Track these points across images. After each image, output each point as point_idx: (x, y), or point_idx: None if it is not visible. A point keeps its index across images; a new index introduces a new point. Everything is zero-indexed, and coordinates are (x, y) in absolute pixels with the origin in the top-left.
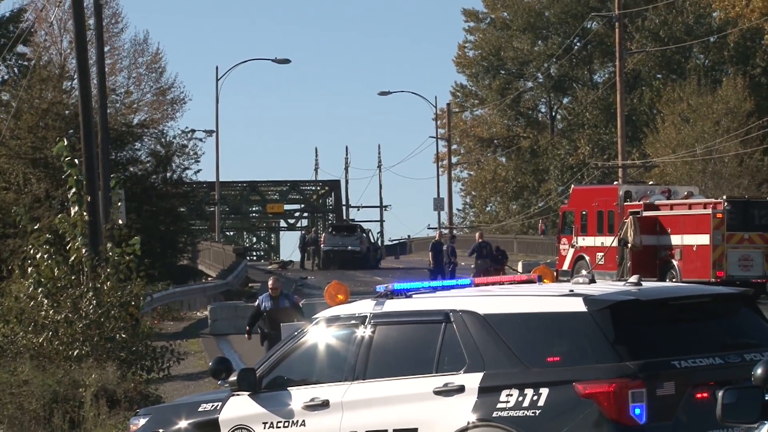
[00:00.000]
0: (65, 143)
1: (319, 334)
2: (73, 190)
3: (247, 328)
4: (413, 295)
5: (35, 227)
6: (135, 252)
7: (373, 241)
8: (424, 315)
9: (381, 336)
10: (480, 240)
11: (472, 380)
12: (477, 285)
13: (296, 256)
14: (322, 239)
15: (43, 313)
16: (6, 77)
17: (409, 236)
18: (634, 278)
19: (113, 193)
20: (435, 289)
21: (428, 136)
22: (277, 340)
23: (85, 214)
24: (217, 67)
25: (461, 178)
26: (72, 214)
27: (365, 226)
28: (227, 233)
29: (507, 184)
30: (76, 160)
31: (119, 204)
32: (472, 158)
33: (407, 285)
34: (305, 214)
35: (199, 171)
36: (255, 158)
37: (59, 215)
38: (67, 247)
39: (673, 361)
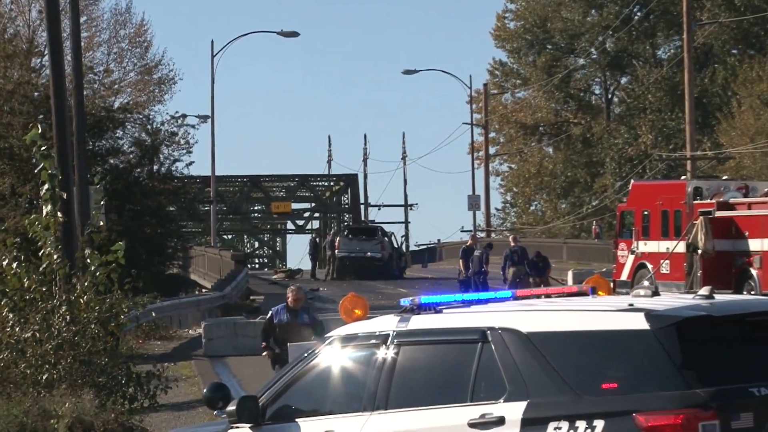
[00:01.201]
0: (39, 130)
1: (333, 356)
2: (47, 186)
3: (263, 344)
4: (444, 310)
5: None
6: (117, 260)
7: (396, 246)
8: (457, 333)
9: (406, 358)
10: (514, 244)
11: (513, 411)
12: (519, 298)
13: (306, 264)
14: (336, 244)
15: (9, 330)
16: None
17: (438, 241)
18: (705, 290)
19: (93, 190)
20: (469, 303)
21: (461, 123)
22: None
23: (59, 214)
24: (212, 42)
25: (500, 171)
26: (44, 214)
27: (387, 228)
28: (224, 237)
29: (555, 179)
30: (51, 152)
31: (100, 203)
32: (514, 148)
33: (437, 298)
34: (316, 215)
35: (191, 163)
36: (257, 149)
37: (30, 215)
38: (39, 254)
39: (752, 388)
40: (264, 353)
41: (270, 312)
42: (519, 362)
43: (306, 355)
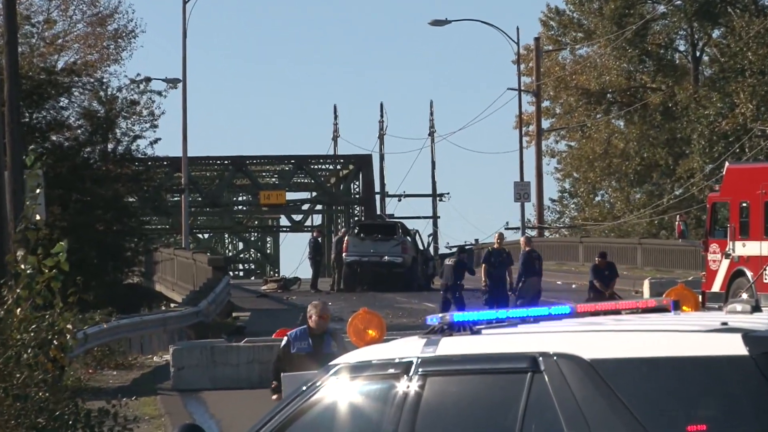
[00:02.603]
0: None
1: (340, 390)
2: None
3: (273, 383)
4: (483, 331)
5: None
6: (59, 264)
7: (422, 248)
8: (500, 361)
9: (433, 393)
10: (527, 248)
11: None
12: (580, 314)
13: (304, 271)
14: (344, 245)
15: None
16: None
17: (476, 241)
18: None
19: (28, 174)
20: (516, 321)
21: (506, 89)
22: None
23: None
24: None
25: (557, 152)
26: None
27: (410, 225)
28: (200, 236)
29: (627, 162)
30: None
31: (37, 191)
32: (574, 122)
33: (474, 315)
34: (318, 207)
35: (157, 141)
36: (242, 123)
37: None
38: None
39: None
40: (274, 396)
41: (286, 338)
42: (580, 398)
43: (304, 388)
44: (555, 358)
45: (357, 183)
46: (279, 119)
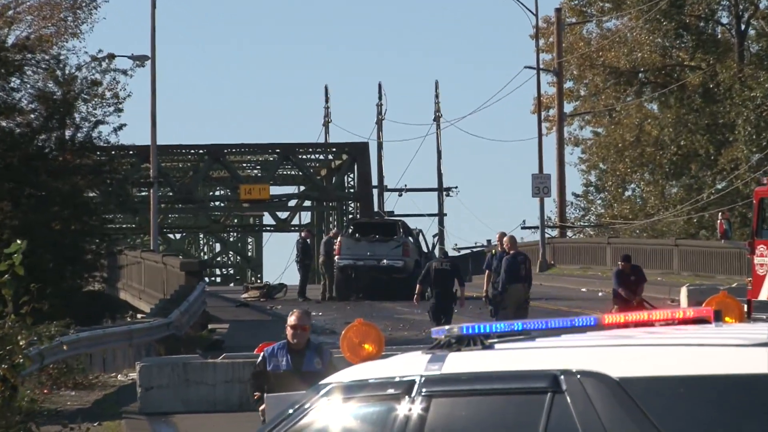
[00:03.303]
0: None
1: (332, 413)
2: None
3: (256, 394)
4: (496, 345)
5: None
6: (13, 268)
7: (426, 250)
8: (516, 379)
9: (439, 416)
10: (512, 250)
11: None
12: (607, 326)
13: (291, 277)
14: (336, 247)
15: None
16: None
17: (489, 242)
18: None
19: None
20: (534, 334)
21: (523, 67)
22: None
23: None
24: None
25: (581, 139)
26: None
27: (412, 223)
28: (171, 236)
29: (661, 151)
30: None
31: None
32: (601, 105)
33: (486, 326)
34: (307, 203)
35: (122, 127)
36: (220, 106)
37: None
38: None
39: None
40: (261, 407)
41: (262, 355)
42: (607, 422)
43: (291, 411)
44: (578, 376)
45: (351, 175)
46: (262, 103)
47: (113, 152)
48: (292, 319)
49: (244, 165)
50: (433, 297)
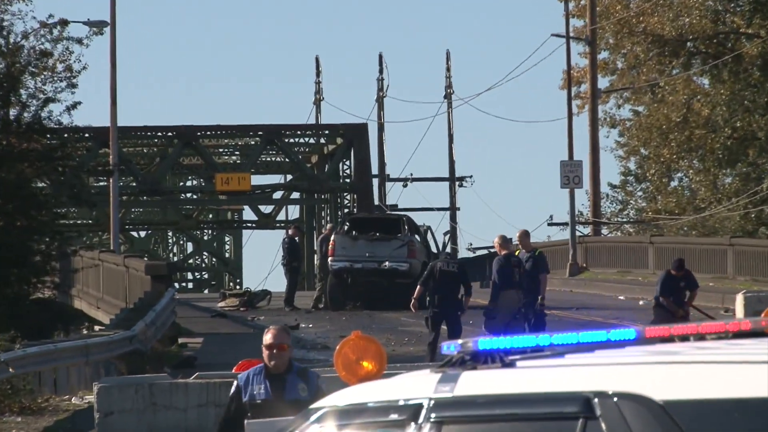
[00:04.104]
0: None
1: None
2: None
3: None
4: (518, 362)
5: None
6: None
7: (435, 250)
8: (542, 403)
9: None
10: (504, 251)
11: None
12: (649, 340)
13: (276, 282)
14: (330, 246)
15: None
16: None
17: (511, 240)
18: None
19: None
20: (562, 349)
21: (550, 35)
22: None
23: None
24: None
25: (619, 120)
26: None
27: (419, 219)
28: (135, 234)
29: (714, 134)
30: None
31: None
32: (642, 79)
33: (505, 340)
34: (295, 195)
35: (76, 106)
36: (193, 82)
37: None
38: None
39: None
40: None
41: (235, 383)
42: None
43: None
44: (615, 399)
45: (348, 162)
46: (242, 78)
47: (66, 135)
48: (267, 338)
49: (221, 150)
50: (434, 303)
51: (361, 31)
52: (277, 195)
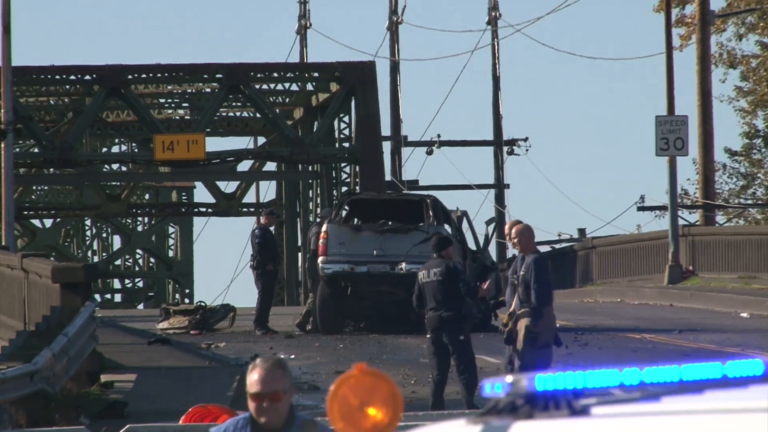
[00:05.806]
0: None
1: None
2: None
3: None
4: (592, 408)
5: None
6: None
7: (475, 246)
8: None
9: None
10: (520, 249)
11: None
12: None
13: (241, 295)
14: (321, 240)
15: None
16: None
17: (582, 232)
18: None
19: None
20: (656, 390)
21: None
22: None
23: None
24: None
25: (741, 57)
26: None
27: (449, 203)
28: (37, 223)
29: None
30: None
31: None
32: None
33: (572, 377)
34: (270, 166)
35: None
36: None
37: None
38: None
39: None
40: None
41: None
42: None
43: None
44: None
45: (346, 120)
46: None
47: None
48: (253, 381)
49: (162, 101)
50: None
51: None
52: (244, 167)
